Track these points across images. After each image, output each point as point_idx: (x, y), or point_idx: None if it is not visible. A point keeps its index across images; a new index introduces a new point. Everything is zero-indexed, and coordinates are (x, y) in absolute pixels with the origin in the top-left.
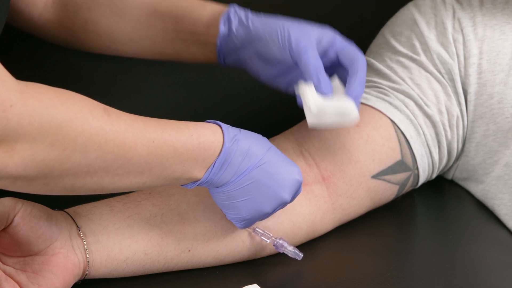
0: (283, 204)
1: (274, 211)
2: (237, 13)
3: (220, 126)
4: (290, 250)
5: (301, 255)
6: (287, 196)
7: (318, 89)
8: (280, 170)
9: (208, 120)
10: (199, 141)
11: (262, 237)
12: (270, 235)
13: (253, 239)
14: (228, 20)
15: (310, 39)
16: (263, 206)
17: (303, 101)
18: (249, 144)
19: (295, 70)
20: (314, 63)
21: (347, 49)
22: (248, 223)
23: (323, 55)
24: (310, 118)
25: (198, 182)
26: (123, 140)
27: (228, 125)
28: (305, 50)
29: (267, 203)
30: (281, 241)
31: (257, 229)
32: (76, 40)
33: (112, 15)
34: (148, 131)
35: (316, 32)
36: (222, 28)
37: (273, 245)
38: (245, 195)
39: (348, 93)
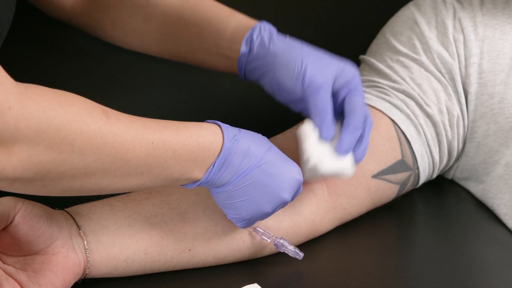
0: (283, 204)
1: (274, 211)
2: (261, 34)
3: (219, 126)
4: (291, 250)
5: (301, 254)
6: (287, 195)
7: (320, 133)
8: (280, 169)
9: (207, 120)
10: (199, 141)
11: (262, 236)
12: (270, 234)
13: (254, 238)
14: (251, 40)
15: (326, 78)
16: (263, 206)
17: (301, 147)
18: (249, 144)
19: (307, 103)
20: (322, 105)
21: (354, 97)
22: (249, 222)
23: (336, 92)
24: (306, 173)
25: (198, 183)
26: (122, 142)
27: (227, 125)
28: (317, 90)
29: (267, 203)
30: (281, 241)
31: (257, 228)
32: (105, 35)
33: (139, 18)
34: (147, 132)
35: (335, 68)
36: (244, 48)
37: (274, 245)
38: (245, 195)
39: (338, 149)
